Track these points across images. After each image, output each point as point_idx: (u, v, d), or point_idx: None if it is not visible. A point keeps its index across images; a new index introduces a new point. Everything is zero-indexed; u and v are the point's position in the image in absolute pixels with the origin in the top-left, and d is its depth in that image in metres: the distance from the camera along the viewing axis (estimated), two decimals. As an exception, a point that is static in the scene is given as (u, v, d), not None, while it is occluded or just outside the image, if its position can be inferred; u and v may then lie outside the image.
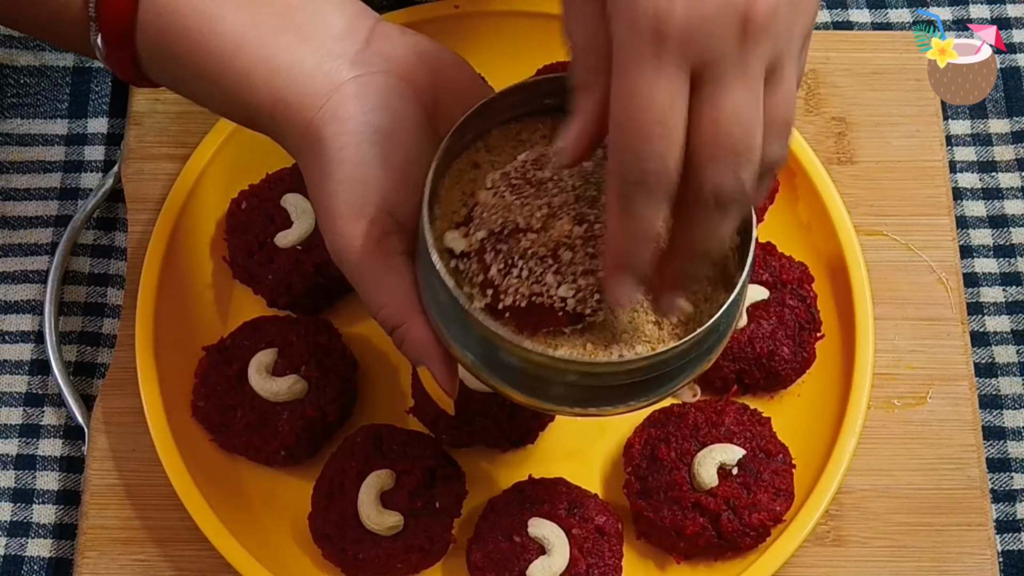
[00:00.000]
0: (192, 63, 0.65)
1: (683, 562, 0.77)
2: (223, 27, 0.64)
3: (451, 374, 0.65)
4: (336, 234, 0.64)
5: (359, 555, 0.75)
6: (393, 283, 0.64)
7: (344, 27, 0.66)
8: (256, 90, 0.65)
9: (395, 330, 0.65)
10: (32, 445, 0.84)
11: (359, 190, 0.63)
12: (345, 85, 0.64)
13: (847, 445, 0.78)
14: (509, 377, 0.62)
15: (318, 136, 0.64)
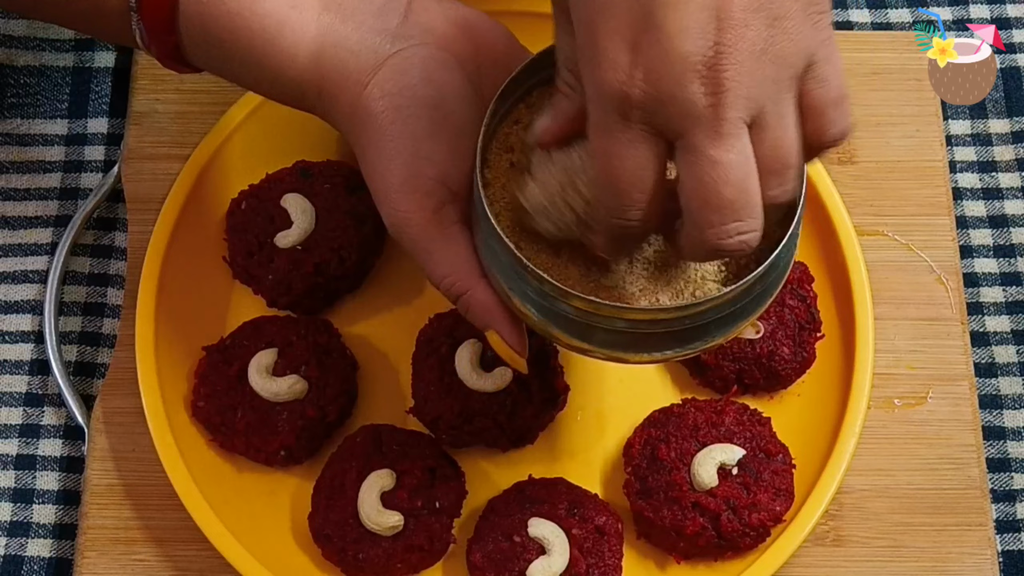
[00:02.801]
0: (236, 46, 0.66)
1: (683, 562, 0.77)
2: (264, 9, 0.65)
3: (520, 334, 0.66)
4: (393, 208, 0.65)
5: (359, 555, 0.75)
6: (453, 252, 0.65)
7: (383, 2, 0.67)
8: (302, 70, 0.66)
9: (459, 297, 0.65)
10: (32, 445, 0.84)
11: (412, 163, 0.64)
12: (389, 60, 0.65)
13: (847, 445, 0.78)
14: (572, 328, 0.62)
15: (367, 112, 0.65)
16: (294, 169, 0.84)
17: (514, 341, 0.66)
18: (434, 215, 0.65)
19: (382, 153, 0.65)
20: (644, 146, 0.54)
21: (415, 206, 0.65)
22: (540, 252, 0.64)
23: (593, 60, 0.53)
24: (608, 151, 0.54)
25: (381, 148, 0.65)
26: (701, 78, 0.52)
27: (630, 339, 0.62)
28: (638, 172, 0.54)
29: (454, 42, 0.67)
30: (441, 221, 0.65)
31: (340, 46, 0.65)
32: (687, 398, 0.80)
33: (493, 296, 0.65)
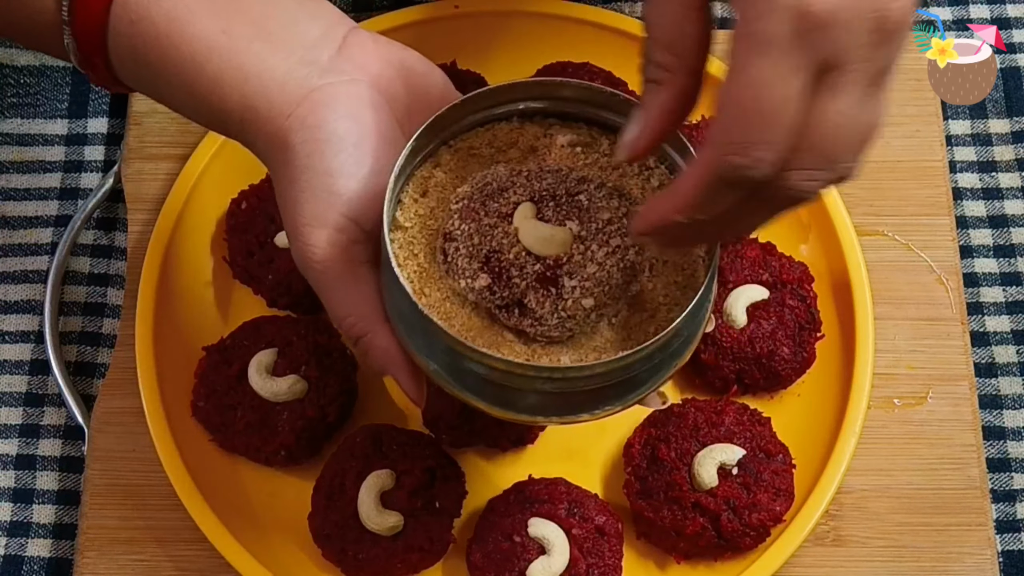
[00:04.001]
0: (163, 69, 0.65)
1: (683, 562, 0.77)
2: (194, 33, 0.64)
3: (418, 384, 0.65)
4: (301, 241, 0.63)
5: (359, 555, 0.75)
6: (358, 292, 0.64)
7: (318, 35, 0.66)
8: (226, 97, 0.64)
9: (359, 340, 0.64)
10: (32, 445, 0.84)
11: (325, 198, 0.63)
12: (315, 93, 0.64)
13: (847, 445, 0.78)
14: (474, 387, 0.61)
15: (286, 143, 0.63)
16: (294, 169, 0.84)
17: (411, 390, 0.65)
18: (343, 252, 0.63)
19: (296, 184, 0.63)
20: (800, 79, 0.49)
21: (323, 242, 0.63)
22: (446, 301, 0.63)
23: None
24: (763, 74, 0.49)
25: (295, 179, 0.63)
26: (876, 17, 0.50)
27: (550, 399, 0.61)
28: (786, 103, 0.49)
29: (386, 81, 0.66)
30: (349, 259, 0.63)
31: (267, 75, 0.64)
32: (687, 398, 0.80)
33: (394, 343, 0.63)
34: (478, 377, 0.61)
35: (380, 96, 0.65)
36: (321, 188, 0.63)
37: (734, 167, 0.50)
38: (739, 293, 0.80)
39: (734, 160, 0.50)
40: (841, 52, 0.50)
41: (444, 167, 0.65)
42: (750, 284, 0.81)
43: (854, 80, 0.51)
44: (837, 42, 0.49)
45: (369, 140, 0.64)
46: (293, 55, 0.65)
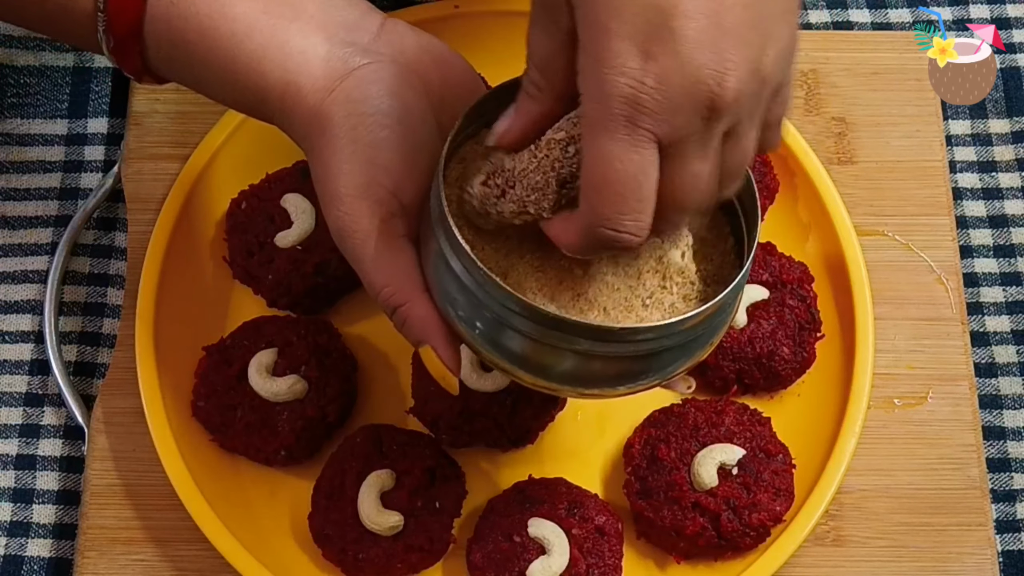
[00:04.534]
0: (203, 48, 0.66)
1: (683, 562, 0.77)
2: (236, 12, 0.65)
3: (455, 353, 0.65)
4: (342, 211, 0.64)
5: (359, 555, 0.75)
6: (396, 263, 0.64)
7: (357, 18, 0.67)
8: (267, 73, 0.66)
9: (397, 309, 0.65)
10: (32, 445, 0.84)
11: (368, 170, 0.64)
12: (358, 71, 0.65)
13: (847, 445, 0.78)
14: (511, 353, 0.62)
15: (328, 117, 0.65)
16: (294, 169, 0.84)
17: (449, 359, 0.65)
18: (382, 224, 0.64)
19: (339, 157, 0.64)
20: (647, 151, 0.54)
21: (365, 212, 0.64)
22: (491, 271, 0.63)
23: (602, 60, 0.53)
24: (609, 153, 0.53)
25: (338, 152, 0.64)
26: (710, 91, 0.53)
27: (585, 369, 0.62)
28: (639, 177, 0.54)
29: (423, 67, 0.67)
30: (388, 231, 0.64)
31: (310, 52, 0.65)
32: (687, 398, 0.80)
33: (433, 311, 0.64)
34: (519, 340, 0.61)
35: (419, 79, 0.66)
36: (365, 160, 0.64)
37: (608, 239, 0.55)
38: (739, 293, 0.80)
39: (606, 234, 0.55)
40: (677, 131, 0.53)
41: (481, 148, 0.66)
42: (750, 284, 0.81)
43: (698, 147, 0.54)
44: (671, 124, 0.53)
45: (411, 117, 0.65)
46: (335, 36, 0.66)
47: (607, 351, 0.61)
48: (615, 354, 0.61)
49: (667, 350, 0.62)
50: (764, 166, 0.84)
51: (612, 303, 0.63)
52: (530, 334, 0.61)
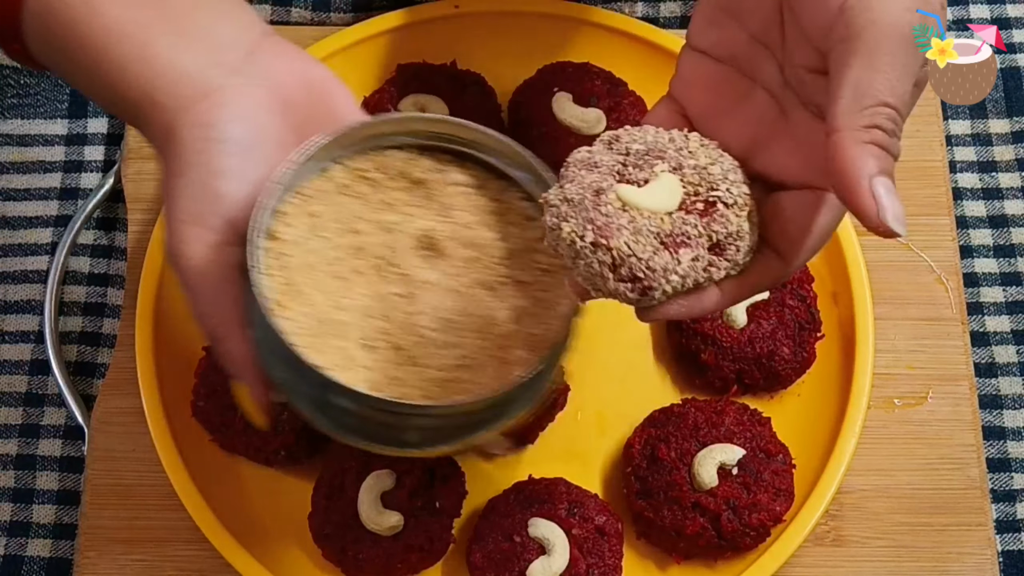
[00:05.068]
0: (74, 53, 0.65)
1: (683, 562, 0.77)
2: (106, 20, 0.64)
3: (265, 392, 0.65)
4: (176, 236, 0.63)
5: (359, 555, 0.75)
6: (221, 294, 0.63)
7: (232, 38, 0.66)
8: (130, 84, 0.64)
9: (216, 342, 0.64)
10: (32, 445, 0.84)
11: (207, 197, 0.63)
12: (216, 92, 0.64)
13: (847, 445, 0.78)
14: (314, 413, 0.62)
15: (179, 138, 0.63)
16: (294, 169, 0.84)
17: (259, 397, 0.65)
18: (214, 253, 0.63)
19: (181, 181, 0.63)
20: None
21: (196, 239, 0.63)
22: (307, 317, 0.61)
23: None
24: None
25: (182, 176, 0.63)
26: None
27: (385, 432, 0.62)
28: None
29: (292, 92, 0.65)
30: (219, 261, 0.63)
31: (172, 70, 0.64)
32: (687, 398, 0.80)
33: (247, 349, 0.63)
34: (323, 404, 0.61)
35: (284, 106, 0.65)
36: (205, 187, 0.63)
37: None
38: (739, 293, 0.80)
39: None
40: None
41: (332, 183, 0.65)
42: (750, 284, 0.81)
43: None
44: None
45: (263, 147, 0.64)
46: (202, 53, 0.65)
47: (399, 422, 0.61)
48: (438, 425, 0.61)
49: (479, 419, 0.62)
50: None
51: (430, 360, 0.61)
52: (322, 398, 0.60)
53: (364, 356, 0.61)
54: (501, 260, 0.63)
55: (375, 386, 0.60)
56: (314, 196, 0.64)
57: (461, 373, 0.61)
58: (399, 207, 0.65)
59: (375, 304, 0.62)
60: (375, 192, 0.65)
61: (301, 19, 0.94)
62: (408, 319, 0.61)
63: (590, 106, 0.84)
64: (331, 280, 0.62)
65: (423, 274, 0.63)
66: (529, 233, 0.64)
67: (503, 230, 0.64)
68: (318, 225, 0.64)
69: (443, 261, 0.63)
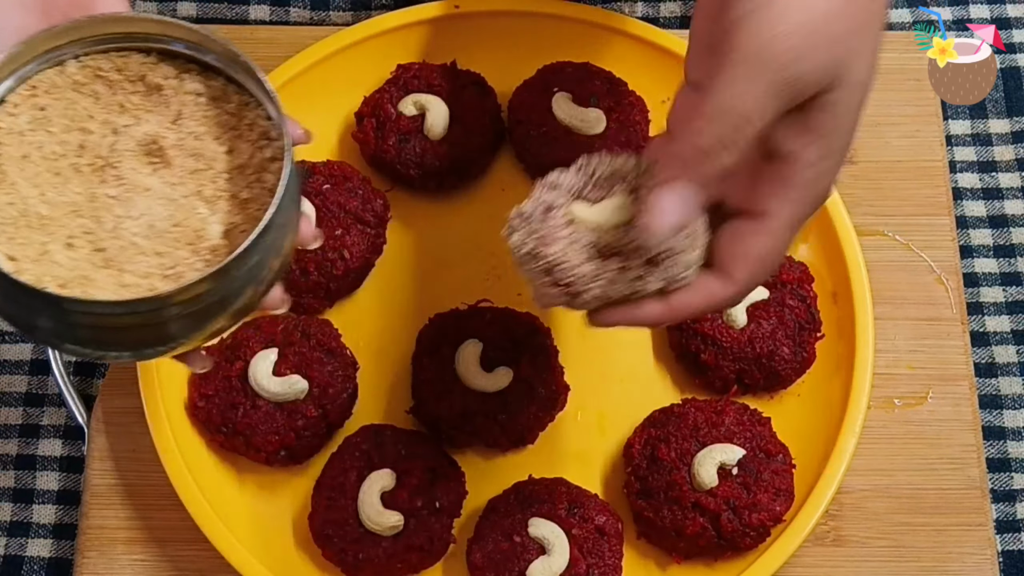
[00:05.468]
0: None
1: (683, 562, 0.77)
2: None
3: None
4: None
5: (359, 555, 0.75)
6: None
7: None
8: None
9: None
10: (32, 445, 0.84)
11: None
12: None
13: (847, 445, 0.78)
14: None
15: None
16: (294, 169, 0.84)
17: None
18: None
19: None
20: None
21: None
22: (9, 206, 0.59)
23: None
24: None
25: None
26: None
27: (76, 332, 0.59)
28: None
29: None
30: None
31: None
32: (687, 398, 0.80)
33: None
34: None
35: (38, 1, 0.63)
36: None
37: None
38: (739, 293, 0.80)
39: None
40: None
41: (66, 78, 0.63)
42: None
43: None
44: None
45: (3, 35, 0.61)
46: None
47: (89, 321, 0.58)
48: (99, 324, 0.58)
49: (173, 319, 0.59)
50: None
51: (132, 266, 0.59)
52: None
53: (62, 254, 0.59)
54: (224, 174, 0.61)
55: (63, 284, 0.58)
56: (46, 90, 0.62)
57: (162, 283, 0.58)
58: (132, 110, 0.63)
59: (86, 203, 0.60)
60: (112, 93, 0.63)
61: (300, 19, 0.94)
62: (117, 222, 0.59)
63: (590, 106, 0.84)
64: (46, 175, 0.61)
65: (142, 179, 0.61)
66: (263, 153, 0.62)
67: (233, 145, 0.62)
68: (44, 118, 0.62)
69: (166, 169, 0.61)
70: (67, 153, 0.61)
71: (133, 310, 0.57)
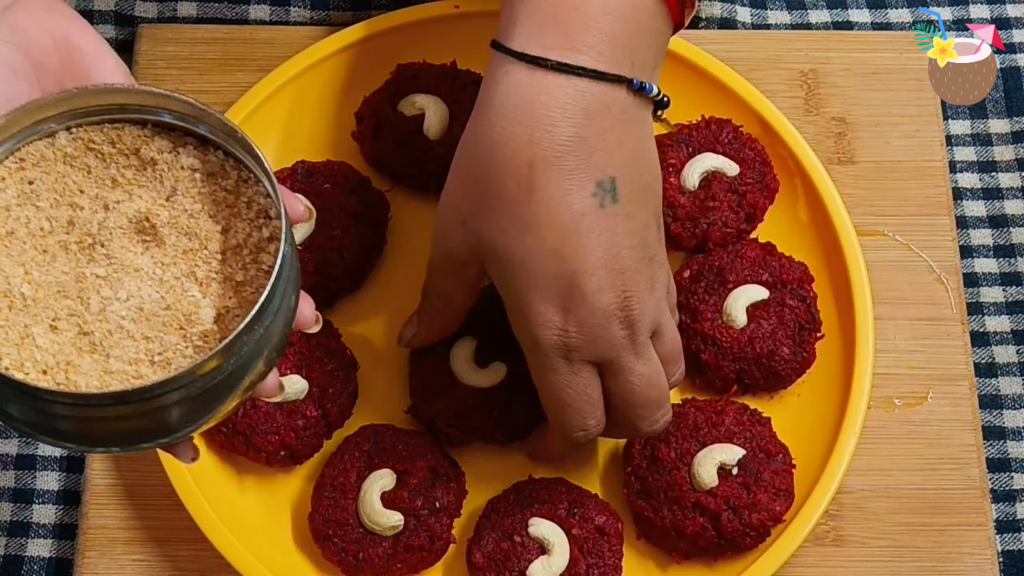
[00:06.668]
0: None
1: (683, 562, 0.77)
2: None
3: None
4: None
5: (359, 555, 0.75)
6: None
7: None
8: None
9: None
10: (32, 445, 0.84)
11: None
12: None
13: (847, 445, 0.78)
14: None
15: None
16: (294, 169, 0.84)
17: None
18: None
19: None
20: (586, 371, 0.69)
21: None
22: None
23: (532, 321, 0.68)
24: (559, 384, 0.69)
25: None
26: (619, 319, 0.68)
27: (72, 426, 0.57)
28: (587, 391, 0.69)
29: (42, 52, 0.62)
30: None
31: None
32: (687, 398, 0.80)
33: None
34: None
35: (31, 66, 0.62)
36: None
37: (581, 439, 0.72)
38: (739, 293, 0.80)
39: (578, 436, 0.72)
40: (607, 353, 0.69)
41: (56, 151, 0.61)
42: (750, 284, 0.81)
43: (632, 355, 0.69)
44: (598, 351, 0.68)
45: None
46: None
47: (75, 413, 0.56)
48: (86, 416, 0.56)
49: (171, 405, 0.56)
50: (764, 166, 0.84)
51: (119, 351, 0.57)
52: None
53: (45, 337, 0.57)
54: (218, 255, 0.59)
55: (45, 369, 0.56)
56: (35, 163, 0.61)
57: (149, 370, 0.57)
58: (125, 186, 0.60)
59: (72, 283, 0.58)
60: (104, 167, 0.61)
61: (300, 19, 0.94)
62: (104, 304, 0.57)
63: (590, 106, 0.84)
64: (32, 252, 0.59)
65: (132, 259, 0.59)
66: (261, 232, 0.60)
67: (230, 223, 0.60)
68: (32, 193, 0.60)
69: (158, 248, 0.59)
70: (55, 229, 0.59)
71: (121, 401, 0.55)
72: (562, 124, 0.66)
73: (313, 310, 0.64)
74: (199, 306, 0.58)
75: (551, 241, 0.66)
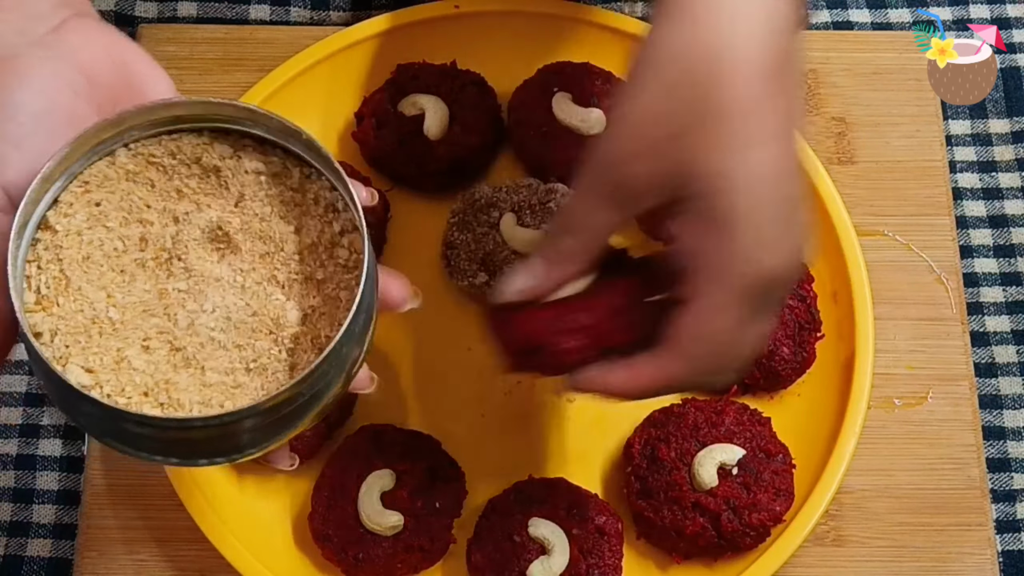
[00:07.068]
0: None
1: (683, 562, 0.77)
2: None
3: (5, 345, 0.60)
4: None
5: (359, 555, 0.75)
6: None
7: (46, 9, 0.63)
8: None
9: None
10: (32, 445, 0.84)
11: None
12: (14, 60, 0.61)
13: (847, 445, 0.78)
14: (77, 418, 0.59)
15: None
16: (294, 169, 0.84)
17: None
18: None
19: None
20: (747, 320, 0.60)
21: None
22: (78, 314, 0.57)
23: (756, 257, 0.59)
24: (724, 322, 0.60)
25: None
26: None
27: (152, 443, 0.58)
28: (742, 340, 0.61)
29: (97, 71, 0.62)
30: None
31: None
32: (687, 398, 0.80)
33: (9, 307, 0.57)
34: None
35: (86, 83, 0.62)
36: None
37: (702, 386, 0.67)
38: (739, 293, 0.80)
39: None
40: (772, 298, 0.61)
41: (117, 169, 0.60)
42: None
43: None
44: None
45: (54, 118, 0.60)
46: (11, 23, 0.62)
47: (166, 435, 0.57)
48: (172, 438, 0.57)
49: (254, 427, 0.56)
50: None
51: (213, 363, 0.57)
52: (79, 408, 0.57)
53: (140, 358, 0.57)
54: (296, 255, 0.59)
55: (146, 391, 0.56)
56: (99, 184, 0.60)
57: (246, 377, 0.57)
58: (191, 196, 0.60)
59: (156, 301, 0.58)
60: (167, 179, 0.61)
61: (300, 19, 0.94)
62: (192, 318, 0.57)
63: (590, 106, 0.84)
64: (111, 273, 0.58)
65: (211, 269, 0.59)
66: (333, 227, 0.60)
67: (301, 222, 0.60)
68: (101, 214, 0.59)
69: (234, 255, 0.59)
70: (129, 248, 0.59)
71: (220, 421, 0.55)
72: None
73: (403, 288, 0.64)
74: (285, 309, 0.58)
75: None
